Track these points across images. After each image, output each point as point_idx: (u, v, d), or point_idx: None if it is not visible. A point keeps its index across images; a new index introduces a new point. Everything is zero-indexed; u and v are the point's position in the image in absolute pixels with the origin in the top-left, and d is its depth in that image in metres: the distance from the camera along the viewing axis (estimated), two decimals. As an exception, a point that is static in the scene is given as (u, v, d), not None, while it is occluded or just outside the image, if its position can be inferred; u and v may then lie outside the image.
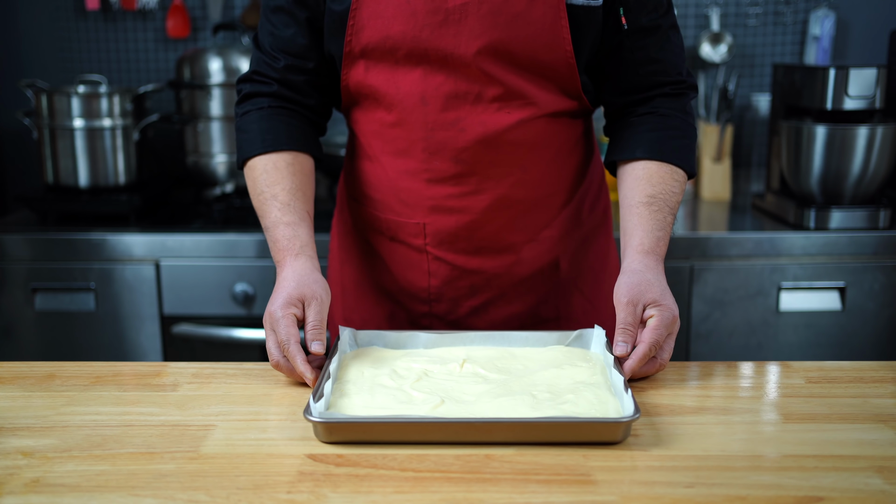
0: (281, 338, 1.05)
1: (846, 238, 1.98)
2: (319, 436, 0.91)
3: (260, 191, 1.20)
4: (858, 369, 1.11)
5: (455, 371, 1.05)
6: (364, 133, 1.26)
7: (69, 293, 2.04)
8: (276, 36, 1.23)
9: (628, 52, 1.21)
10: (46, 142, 2.18)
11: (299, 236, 1.17)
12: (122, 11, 2.51)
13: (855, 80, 1.98)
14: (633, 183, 1.20)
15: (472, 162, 1.22)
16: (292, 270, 1.13)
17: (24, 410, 0.99)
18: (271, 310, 1.08)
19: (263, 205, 1.20)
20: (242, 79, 1.28)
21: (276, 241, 1.17)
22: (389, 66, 1.19)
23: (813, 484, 0.82)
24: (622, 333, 1.05)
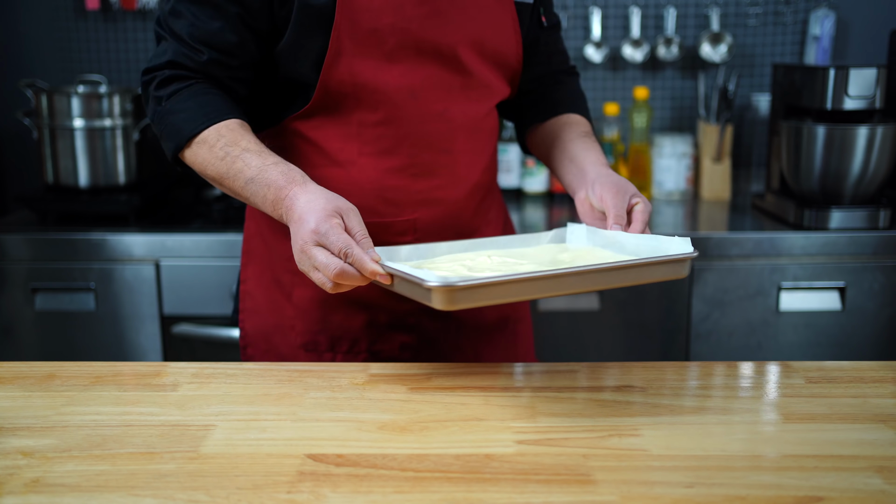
0: (338, 246, 1.01)
1: (846, 238, 1.98)
2: (439, 303, 0.92)
3: (224, 154, 1.12)
4: (858, 369, 1.11)
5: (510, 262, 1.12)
6: (331, 138, 1.21)
7: (69, 293, 2.04)
8: (197, 27, 1.15)
9: (543, 46, 1.37)
10: (46, 142, 2.18)
11: (294, 170, 1.10)
12: (122, 11, 2.51)
13: (855, 80, 1.98)
14: (567, 127, 1.37)
15: (455, 151, 1.25)
16: (310, 193, 1.06)
17: (24, 410, 0.99)
18: (311, 228, 1.02)
19: (235, 162, 1.11)
20: (153, 68, 1.18)
21: (272, 182, 1.08)
22: (376, 62, 1.18)
23: (813, 484, 0.82)
24: (618, 219, 1.17)
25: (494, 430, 0.94)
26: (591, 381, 1.08)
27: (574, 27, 2.51)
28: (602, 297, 2.00)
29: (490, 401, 1.02)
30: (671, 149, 2.35)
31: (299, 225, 1.04)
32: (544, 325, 2.02)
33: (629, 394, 1.04)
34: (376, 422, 0.96)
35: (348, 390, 1.05)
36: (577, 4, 2.50)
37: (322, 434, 0.93)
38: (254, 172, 1.10)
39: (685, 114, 2.56)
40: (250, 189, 1.10)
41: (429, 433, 0.93)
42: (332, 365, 1.15)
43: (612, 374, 1.10)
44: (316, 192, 1.06)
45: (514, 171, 2.37)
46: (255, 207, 1.14)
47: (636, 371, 1.11)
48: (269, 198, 1.09)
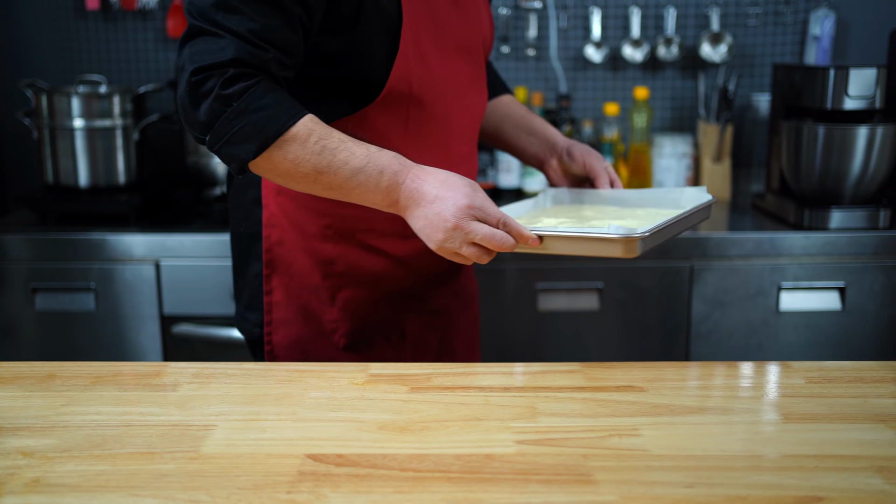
0: (496, 217, 1.10)
1: (846, 238, 1.98)
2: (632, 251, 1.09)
3: (320, 148, 1.09)
4: (858, 369, 1.11)
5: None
6: (382, 134, 1.22)
7: (69, 293, 2.04)
8: (259, 24, 1.09)
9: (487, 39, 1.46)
10: (46, 142, 2.18)
11: (399, 155, 1.12)
12: (122, 11, 2.51)
13: (855, 80, 1.98)
14: (513, 105, 1.51)
15: (474, 142, 1.36)
16: (435, 172, 1.11)
17: (24, 410, 0.99)
18: (466, 203, 1.08)
19: (336, 154, 1.09)
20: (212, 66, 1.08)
21: (385, 167, 1.10)
22: (427, 59, 1.22)
23: (813, 484, 0.82)
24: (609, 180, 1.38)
25: (494, 430, 0.94)
26: (591, 381, 1.08)
27: (574, 27, 2.51)
28: (602, 297, 2.00)
29: (490, 401, 1.02)
30: (671, 149, 2.35)
31: (444, 203, 1.08)
32: (544, 325, 2.02)
33: (629, 394, 1.04)
34: (376, 422, 0.96)
35: (348, 390, 1.06)
36: (577, 4, 2.50)
37: (322, 434, 0.93)
38: (361, 161, 1.09)
39: (685, 114, 2.56)
40: (358, 179, 1.09)
41: (429, 433, 0.94)
42: (332, 365, 1.15)
43: (612, 374, 1.10)
44: (442, 171, 1.11)
45: (514, 172, 2.37)
46: (351, 199, 1.13)
47: (636, 371, 1.11)
48: (382, 184, 1.10)
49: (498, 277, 2.00)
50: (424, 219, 1.10)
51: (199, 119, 1.09)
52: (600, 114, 2.48)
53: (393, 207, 1.12)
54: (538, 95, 2.41)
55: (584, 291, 2.01)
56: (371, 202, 1.12)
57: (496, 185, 2.38)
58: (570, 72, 2.53)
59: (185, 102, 1.09)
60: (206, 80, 1.07)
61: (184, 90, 1.09)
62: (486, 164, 2.37)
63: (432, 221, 1.09)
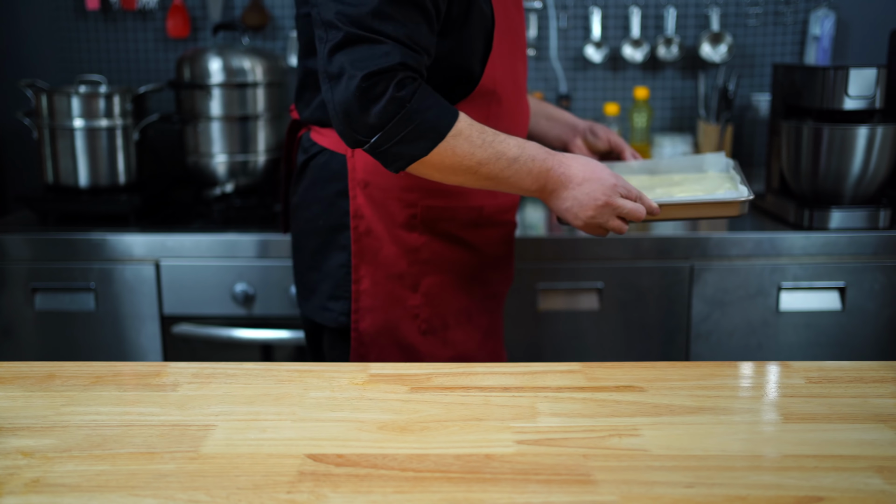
0: (635, 193, 1.28)
1: (846, 238, 1.98)
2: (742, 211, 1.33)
3: (481, 141, 1.20)
4: (858, 369, 1.11)
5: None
6: None
7: (69, 293, 2.04)
8: (412, 29, 1.16)
9: None
10: (46, 142, 2.18)
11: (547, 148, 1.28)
12: (122, 11, 2.51)
13: (855, 80, 1.98)
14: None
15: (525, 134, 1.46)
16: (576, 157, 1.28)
17: (24, 410, 0.99)
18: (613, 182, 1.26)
19: (495, 146, 1.21)
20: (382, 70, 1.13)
21: (535, 155, 1.24)
22: (505, 59, 1.34)
23: (813, 484, 0.82)
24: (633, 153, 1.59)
25: (494, 430, 0.94)
26: (591, 381, 1.08)
27: (574, 27, 2.51)
28: (602, 297, 2.00)
29: (490, 401, 1.02)
30: (671, 149, 2.35)
31: (592, 184, 1.25)
32: (544, 325, 2.02)
33: (629, 394, 1.04)
34: (376, 422, 0.96)
35: (348, 390, 1.06)
36: (577, 4, 2.50)
37: (322, 434, 0.93)
38: (516, 151, 1.22)
39: (685, 114, 2.56)
40: (514, 168, 1.22)
41: (429, 433, 0.94)
42: (332, 365, 1.15)
43: (612, 374, 1.10)
44: (580, 157, 1.28)
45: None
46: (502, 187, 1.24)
47: (636, 371, 1.11)
48: (534, 171, 1.23)
49: (498, 277, 2.00)
50: (573, 199, 1.26)
51: (368, 121, 1.14)
52: (600, 114, 2.48)
53: (540, 191, 1.26)
54: (538, 95, 2.41)
55: (584, 291, 2.01)
56: (520, 188, 1.25)
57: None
58: (570, 72, 2.53)
59: (353, 106, 1.13)
60: (376, 84, 1.13)
61: (350, 95, 1.13)
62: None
63: (582, 201, 1.25)
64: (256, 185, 2.30)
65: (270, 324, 2.03)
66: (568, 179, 1.25)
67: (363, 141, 1.16)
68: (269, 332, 2.02)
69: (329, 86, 1.16)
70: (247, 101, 2.22)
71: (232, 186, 2.28)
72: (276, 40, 2.52)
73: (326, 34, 1.16)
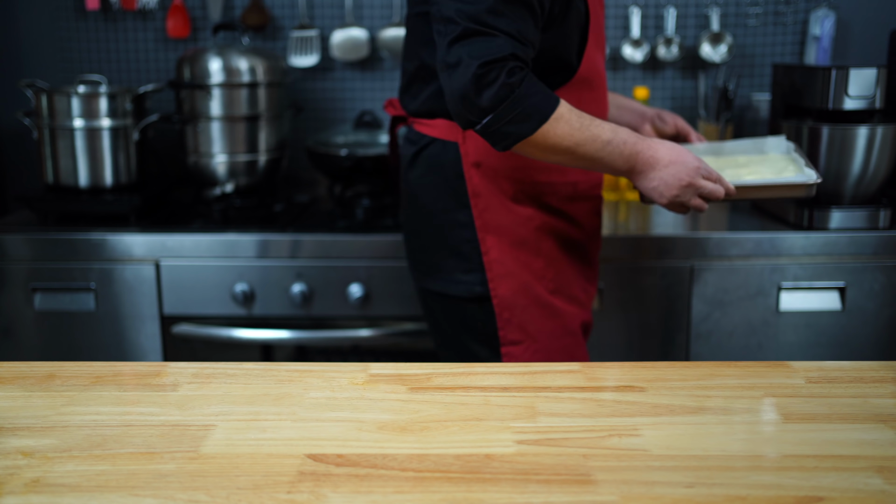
0: (715, 174, 1.42)
1: (846, 238, 1.98)
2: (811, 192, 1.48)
3: (579, 124, 1.34)
4: (858, 369, 1.11)
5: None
6: None
7: (69, 293, 2.04)
8: (521, 25, 1.30)
9: None
10: (46, 142, 2.18)
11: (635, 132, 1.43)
12: (122, 11, 2.51)
13: (855, 80, 1.98)
14: None
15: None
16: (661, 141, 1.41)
17: (24, 410, 0.99)
18: (696, 165, 1.40)
19: (591, 129, 1.35)
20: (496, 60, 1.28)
21: (626, 139, 1.37)
22: (594, 51, 1.49)
23: (813, 484, 0.82)
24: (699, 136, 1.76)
25: (494, 430, 0.94)
26: (590, 381, 1.08)
27: (574, 27, 2.51)
28: (602, 297, 2.00)
29: (490, 401, 1.02)
30: (671, 149, 2.35)
31: (678, 167, 1.39)
32: (544, 325, 2.02)
33: (629, 394, 1.04)
34: (376, 422, 0.96)
35: (348, 390, 1.06)
36: (577, 4, 2.50)
37: (322, 434, 0.93)
38: (610, 135, 1.36)
39: (685, 114, 2.55)
40: (607, 150, 1.36)
41: (429, 433, 0.94)
42: (332, 365, 1.15)
43: (612, 374, 1.10)
44: (665, 141, 1.42)
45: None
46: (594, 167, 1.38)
47: (636, 371, 1.11)
48: (625, 153, 1.37)
49: (498, 277, 2.00)
50: (659, 179, 1.40)
51: (481, 105, 1.29)
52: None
53: (629, 172, 1.40)
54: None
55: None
56: (612, 168, 1.39)
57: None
58: (570, 72, 2.53)
59: (469, 91, 1.29)
60: (490, 72, 1.28)
61: (467, 81, 1.28)
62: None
63: (667, 181, 1.39)
64: (256, 185, 2.30)
65: (270, 324, 2.03)
66: (655, 161, 1.39)
67: (475, 122, 1.31)
68: (269, 332, 2.02)
69: (447, 74, 1.31)
70: (247, 101, 2.22)
71: (232, 186, 2.28)
72: (276, 40, 2.52)
73: (445, 28, 1.31)
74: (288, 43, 2.49)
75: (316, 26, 2.50)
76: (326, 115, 2.56)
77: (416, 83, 1.54)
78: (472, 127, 1.33)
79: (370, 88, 2.55)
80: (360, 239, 2.00)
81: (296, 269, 2.00)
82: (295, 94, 2.53)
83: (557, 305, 1.53)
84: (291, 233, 2.02)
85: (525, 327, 1.51)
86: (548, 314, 1.52)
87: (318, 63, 2.50)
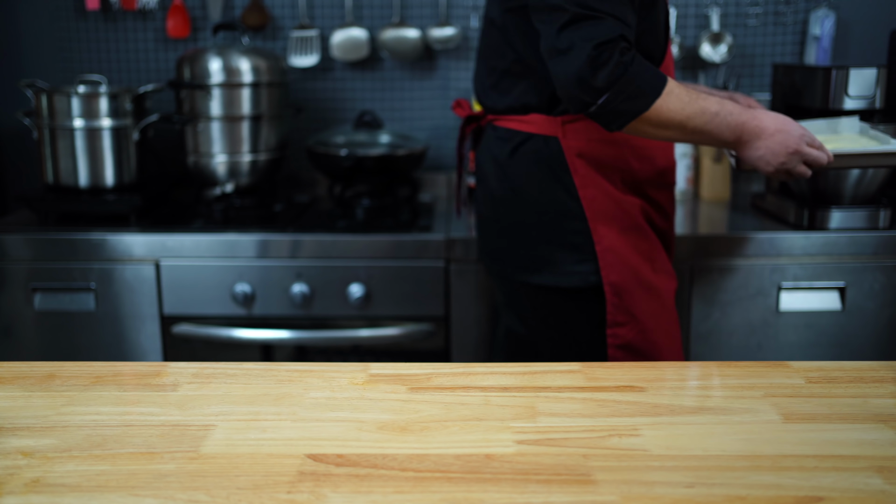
0: (818, 142, 1.48)
1: (846, 238, 1.98)
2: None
3: (688, 98, 1.39)
4: (858, 369, 1.11)
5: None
6: None
7: (69, 293, 2.04)
8: (623, 9, 1.36)
9: None
10: (46, 142, 2.18)
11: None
12: (122, 11, 2.51)
13: (855, 80, 1.98)
14: None
15: None
16: (765, 111, 1.47)
17: (24, 410, 0.99)
18: (801, 133, 1.45)
19: (698, 102, 1.40)
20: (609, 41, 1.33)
21: (732, 110, 1.42)
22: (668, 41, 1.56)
23: (813, 484, 0.82)
24: None
25: (494, 430, 0.94)
26: (591, 381, 1.08)
27: (574, 27, 2.51)
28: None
29: (490, 401, 1.02)
30: (671, 149, 2.35)
31: (784, 135, 1.44)
32: (544, 325, 2.02)
33: (629, 394, 1.04)
34: (376, 422, 0.96)
35: (348, 390, 1.06)
36: (577, 4, 2.49)
37: (322, 434, 0.93)
38: (717, 107, 1.41)
39: (685, 114, 2.55)
40: (715, 122, 1.41)
41: (429, 433, 0.94)
42: (332, 365, 1.15)
43: (612, 374, 1.10)
44: (769, 111, 1.47)
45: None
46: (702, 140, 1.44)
47: (636, 371, 1.11)
48: (732, 124, 1.42)
49: (498, 277, 2.00)
50: (766, 148, 1.44)
51: (596, 85, 1.33)
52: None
53: (735, 142, 1.44)
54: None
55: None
56: (719, 140, 1.43)
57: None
58: (570, 72, 2.53)
59: (584, 72, 1.33)
60: (603, 53, 1.32)
61: (582, 63, 1.33)
62: (486, 164, 2.37)
63: (774, 149, 1.44)
64: (256, 185, 2.30)
65: (270, 324, 2.03)
66: (761, 131, 1.44)
67: (590, 103, 1.35)
68: (269, 332, 2.02)
69: (559, 59, 1.35)
70: (247, 101, 2.22)
71: (232, 186, 2.28)
72: (276, 40, 2.52)
73: (552, 16, 1.36)
74: (288, 43, 2.49)
75: (316, 26, 2.50)
76: (326, 115, 2.56)
77: (506, 79, 1.56)
78: (587, 109, 1.36)
79: (370, 88, 2.55)
80: (360, 239, 2.00)
81: (296, 269, 2.00)
82: (295, 94, 2.53)
83: (657, 285, 1.58)
84: (291, 233, 2.02)
85: (630, 309, 1.55)
86: (650, 295, 1.57)
87: (318, 63, 2.50)
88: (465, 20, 2.50)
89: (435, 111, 2.56)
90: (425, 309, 2.01)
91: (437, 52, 2.53)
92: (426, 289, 2.00)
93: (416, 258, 2.00)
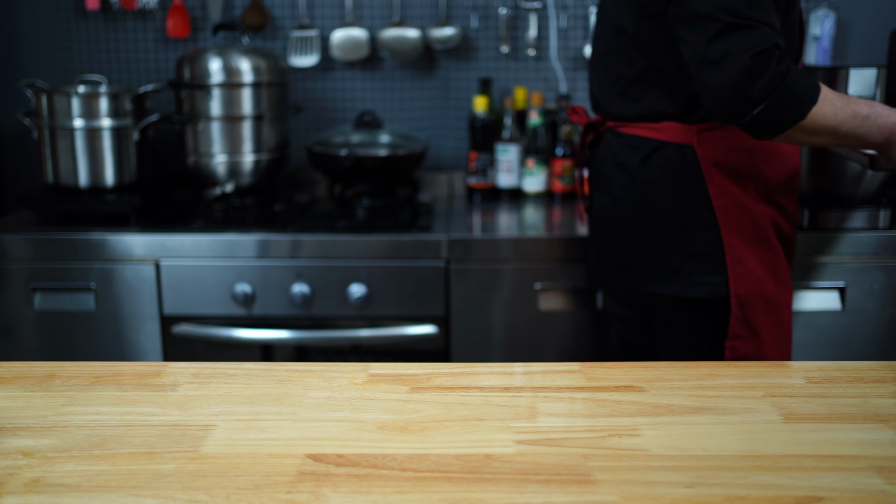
0: None
1: (846, 238, 1.98)
2: None
3: (841, 104, 1.37)
4: (858, 369, 1.11)
5: None
6: None
7: (69, 293, 2.05)
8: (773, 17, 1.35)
9: None
10: (46, 142, 2.18)
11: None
12: (122, 11, 2.51)
13: (855, 80, 1.98)
14: None
15: None
16: None
17: (24, 410, 0.99)
18: None
19: (850, 107, 1.38)
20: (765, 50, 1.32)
21: (882, 112, 1.40)
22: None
23: (813, 484, 0.82)
24: None
25: (494, 430, 0.94)
26: (591, 381, 1.08)
27: (574, 27, 2.51)
28: (602, 298, 2.00)
29: (490, 401, 1.02)
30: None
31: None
32: (544, 325, 2.02)
33: (629, 394, 1.04)
34: (376, 422, 0.96)
35: (348, 390, 1.06)
36: (577, 4, 2.50)
37: (322, 434, 0.93)
38: (867, 109, 1.39)
39: (685, 114, 2.55)
40: (866, 125, 1.39)
41: (429, 433, 0.94)
42: (332, 365, 1.15)
43: (612, 374, 1.10)
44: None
45: (514, 171, 2.37)
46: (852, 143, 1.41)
47: (636, 371, 1.11)
48: (882, 126, 1.39)
49: (498, 277, 2.00)
50: None
51: (753, 95, 1.32)
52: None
53: (884, 144, 1.41)
54: (538, 95, 2.41)
55: (584, 291, 2.01)
56: (867, 142, 1.41)
57: (495, 185, 2.38)
58: (569, 72, 2.53)
59: (741, 83, 1.31)
60: (760, 62, 1.31)
61: (738, 74, 1.31)
62: (486, 164, 2.38)
63: None
64: (256, 185, 2.30)
65: (270, 324, 2.03)
66: None
67: (745, 113, 1.33)
68: (269, 332, 2.02)
69: (711, 69, 1.33)
70: (247, 100, 2.22)
71: (232, 186, 2.28)
72: (276, 40, 2.52)
73: (701, 26, 1.34)
74: (288, 43, 2.49)
75: (316, 26, 2.50)
76: (326, 115, 2.56)
77: (636, 86, 1.54)
78: (740, 119, 1.35)
79: (370, 88, 2.55)
80: (360, 239, 2.00)
81: (296, 269, 2.00)
82: (295, 94, 2.53)
83: (778, 299, 1.55)
84: (291, 233, 2.02)
85: (751, 322, 1.52)
86: (770, 308, 1.54)
87: (318, 63, 2.50)
88: (465, 20, 2.50)
89: (435, 111, 2.56)
90: (425, 309, 2.01)
91: (437, 52, 2.53)
92: (426, 289, 2.00)
93: (416, 258, 2.00)
